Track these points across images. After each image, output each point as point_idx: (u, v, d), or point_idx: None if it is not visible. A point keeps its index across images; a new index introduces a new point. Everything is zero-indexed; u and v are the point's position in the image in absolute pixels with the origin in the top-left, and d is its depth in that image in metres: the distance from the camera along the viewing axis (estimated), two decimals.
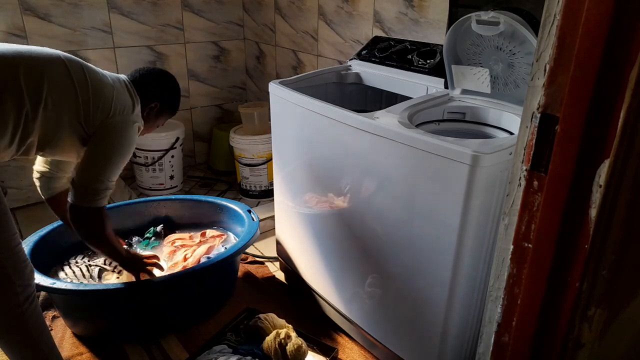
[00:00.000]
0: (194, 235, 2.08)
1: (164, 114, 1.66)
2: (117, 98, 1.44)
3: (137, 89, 1.54)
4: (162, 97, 1.61)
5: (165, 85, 1.64)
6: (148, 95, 1.57)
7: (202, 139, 3.28)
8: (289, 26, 2.76)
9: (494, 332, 0.94)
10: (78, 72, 1.36)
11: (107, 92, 1.42)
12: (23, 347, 1.31)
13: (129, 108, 1.47)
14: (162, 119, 1.68)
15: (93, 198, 1.40)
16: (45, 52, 1.34)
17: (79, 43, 2.62)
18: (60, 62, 1.34)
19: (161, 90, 1.61)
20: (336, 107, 1.48)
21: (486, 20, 1.36)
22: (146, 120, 1.59)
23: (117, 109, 1.43)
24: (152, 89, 1.58)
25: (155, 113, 1.62)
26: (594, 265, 0.78)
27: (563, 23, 0.70)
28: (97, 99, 1.38)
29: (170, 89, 1.66)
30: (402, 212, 1.35)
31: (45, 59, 1.32)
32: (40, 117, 1.29)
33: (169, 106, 1.66)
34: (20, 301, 1.26)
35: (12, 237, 1.24)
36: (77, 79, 1.35)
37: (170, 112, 1.69)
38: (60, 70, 1.33)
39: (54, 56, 1.34)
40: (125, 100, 1.47)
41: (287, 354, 1.53)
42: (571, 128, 0.71)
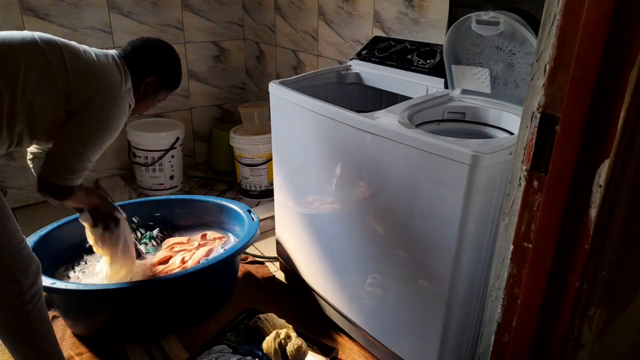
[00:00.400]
0: (192, 239, 2.08)
1: (163, 88, 1.53)
2: (102, 74, 1.34)
3: (129, 63, 1.42)
4: (158, 70, 1.48)
5: (161, 57, 1.51)
6: (143, 70, 1.44)
7: (202, 139, 3.28)
8: (289, 26, 2.76)
9: (494, 332, 0.94)
10: (55, 53, 1.27)
11: (89, 70, 1.32)
12: (27, 346, 1.31)
13: (116, 81, 1.36)
14: (162, 94, 1.55)
15: (67, 176, 1.29)
16: (19, 36, 1.26)
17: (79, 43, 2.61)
18: (35, 45, 1.25)
19: (157, 62, 1.49)
20: (336, 107, 1.48)
21: (486, 20, 1.36)
22: (144, 97, 1.48)
23: (101, 83, 1.32)
24: (147, 62, 1.46)
25: (153, 88, 1.49)
26: (594, 265, 0.78)
27: (563, 23, 0.70)
28: (77, 77, 1.28)
29: (167, 61, 1.53)
30: (402, 212, 1.35)
31: (19, 44, 1.24)
32: (21, 104, 1.22)
33: (168, 80, 1.54)
34: (26, 300, 1.25)
35: (14, 235, 1.23)
36: (55, 60, 1.26)
37: (171, 86, 1.56)
38: (36, 54, 1.24)
39: (29, 39, 1.26)
40: (110, 74, 1.36)
41: (287, 354, 1.53)
42: (571, 128, 0.71)
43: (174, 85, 1.57)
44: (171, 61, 1.54)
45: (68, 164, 1.29)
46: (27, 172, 2.59)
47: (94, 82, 1.32)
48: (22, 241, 1.25)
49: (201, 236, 2.08)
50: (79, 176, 1.32)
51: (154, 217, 2.16)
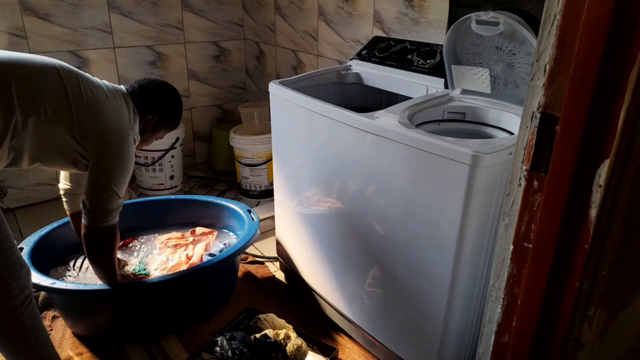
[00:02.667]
0: (185, 234, 2.08)
1: (162, 127, 1.63)
2: (113, 113, 1.42)
3: (135, 100, 1.52)
4: (160, 109, 1.58)
5: (164, 97, 1.60)
6: (146, 108, 1.54)
7: (202, 139, 3.28)
8: (289, 26, 2.76)
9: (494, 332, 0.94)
10: (73, 84, 1.35)
11: (103, 107, 1.40)
12: (20, 350, 1.31)
13: (125, 122, 1.45)
14: (160, 132, 1.65)
15: (107, 216, 1.42)
16: (41, 62, 1.32)
17: (79, 43, 2.62)
18: (55, 73, 1.32)
19: (160, 102, 1.58)
20: (336, 107, 1.48)
21: (486, 21, 1.36)
22: (142, 133, 1.56)
23: (112, 124, 1.40)
24: (150, 101, 1.55)
25: (152, 126, 1.59)
26: (594, 265, 0.78)
27: (563, 23, 0.70)
28: (91, 113, 1.36)
29: (169, 102, 1.62)
30: (402, 212, 1.35)
31: (40, 69, 1.30)
32: (32, 128, 1.27)
33: (168, 119, 1.63)
34: (17, 304, 1.25)
35: (6, 239, 1.23)
36: (72, 92, 1.33)
37: (169, 125, 1.65)
38: (55, 82, 1.31)
39: (50, 66, 1.32)
40: (121, 115, 1.44)
41: (287, 354, 1.53)
42: (571, 128, 0.71)
43: (172, 125, 1.67)
44: (173, 103, 1.64)
45: (104, 206, 1.41)
46: (27, 172, 2.60)
47: (105, 121, 1.40)
48: (13, 245, 1.26)
49: (190, 232, 2.09)
50: (116, 213, 1.45)
51: (153, 217, 2.16)
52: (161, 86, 1.61)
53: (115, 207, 1.43)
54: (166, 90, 1.62)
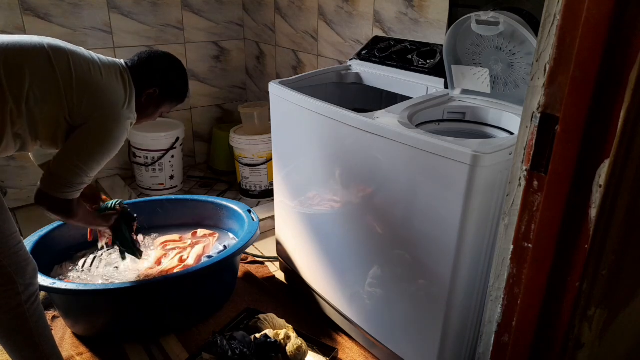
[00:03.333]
0: (184, 237, 2.08)
1: (166, 101, 1.51)
2: (105, 92, 1.33)
3: (135, 74, 1.42)
4: (162, 82, 1.46)
5: (165, 68, 1.49)
6: (146, 80, 1.43)
7: (202, 139, 3.28)
8: (289, 26, 2.76)
9: (494, 332, 0.94)
10: (62, 64, 1.27)
11: (94, 86, 1.31)
12: (24, 347, 1.31)
13: (119, 102, 1.36)
14: (165, 107, 1.53)
15: (65, 190, 1.31)
16: (29, 42, 1.25)
17: (79, 43, 2.57)
18: (43, 53, 1.25)
19: (161, 74, 1.47)
20: (336, 107, 1.48)
21: (486, 21, 1.36)
22: (145, 108, 1.46)
23: (104, 104, 1.32)
24: (150, 74, 1.44)
25: (155, 100, 1.47)
26: (594, 265, 0.78)
27: (563, 23, 0.70)
28: (81, 93, 1.28)
29: (171, 73, 1.50)
30: (402, 212, 1.35)
31: (28, 51, 1.24)
32: (25, 113, 1.22)
33: (172, 92, 1.51)
34: (22, 300, 1.26)
35: (12, 235, 1.23)
36: (61, 72, 1.26)
37: (174, 99, 1.53)
38: (43, 63, 1.24)
39: (38, 47, 1.26)
40: (115, 93, 1.35)
41: (287, 354, 1.53)
42: (571, 128, 0.71)
43: (177, 97, 1.54)
44: (175, 73, 1.52)
45: (65, 178, 1.30)
46: (27, 172, 2.60)
47: (96, 101, 1.31)
48: (20, 242, 1.26)
49: (192, 234, 2.08)
50: (76, 190, 1.33)
51: (153, 217, 2.16)
52: (162, 57, 1.50)
53: (78, 182, 1.31)
54: (168, 61, 1.51)
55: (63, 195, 1.31)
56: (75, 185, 1.32)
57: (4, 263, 1.21)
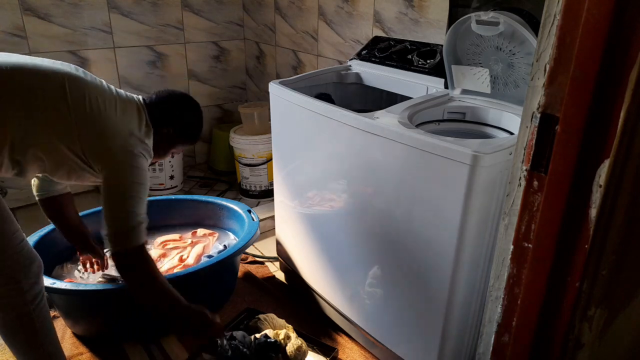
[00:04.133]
0: (184, 236, 2.08)
1: (179, 141, 1.52)
2: (119, 129, 1.31)
3: (151, 112, 1.42)
4: (177, 123, 1.47)
5: (181, 109, 1.49)
6: (162, 120, 1.44)
7: (202, 139, 3.27)
8: (289, 26, 2.76)
9: (494, 332, 0.94)
10: (77, 96, 1.24)
11: (109, 122, 1.29)
12: (29, 346, 1.31)
13: (133, 138, 1.33)
14: (177, 147, 1.54)
15: (131, 237, 1.29)
16: (46, 70, 1.23)
17: (79, 43, 2.62)
18: (58, 84, 1.22)
19: (177, 115, 1.47)
20: (336, 107, 1.48)
21: (486, 21, 1.36)
22: (159, 146, 1.46)
23: (117, 141, 1.30)
24: (166, 113, 1.45)
25: (168, 139, 1.48)
26: (594, 265, 0.78)
27: (563, 23, 0.70)
28: (94, 128, 1.26)
29: (188, 115, 1.51)
30: (402, 212, 1.35)
31: (42, 78, 1.21)
32: (30, 143, 1.19)
33: (185, 133, 1.52)
34: (27, 300, 1.25)
35: (14, 235, 1.23)
36: (74, 104, 1.23)
37: (187, 140, 1.54)
38: (56, 93, 1.22)
39: (55, 74, 1.24)
40: (129, 130, 1.33)
41: (287, 354, 1.53)
42: (571, 128, 0.71)
43: (190, 139, 1.55)
44: (192, 116, 1.52)
45: (125, 230, 1.28)
46: None
47: (109, 139, 1.29)
48: (22, 241, 1.25)
49: (192, 233, 2.08)
50: (140, 230, 1.31)
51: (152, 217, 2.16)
52: (180, 98, 1.51)
53: (135, 224, 1.29)
54: (185, 102, 1.51)
55: (132, 242, 1.29)
56: (135, 228, 1.29)
57: (7, 263, 1.21)
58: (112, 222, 1.29)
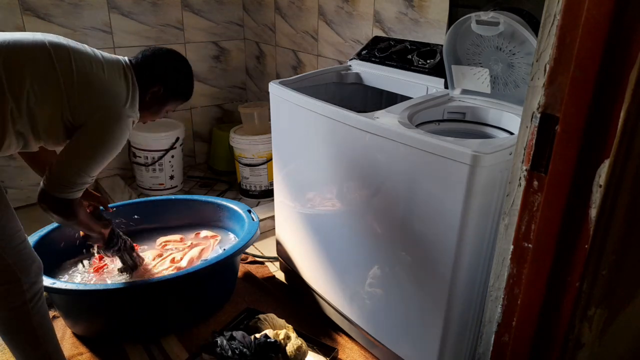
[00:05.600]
0: (185, 238, 2.07)
1: (170, 99, 1.48)
2: (107, 90, 1.31)
3: (138, 72, 1.40)
4: (166, 79, 1.43)
5: (169, 66, 1.46)
6: (150, 78, 1.41)
7: (202, 139, 3.28)
8: (289, 26, 2.76)
9: (494, 332, 0.94)
10: (64, 62, 1.25)
11: (96, 84, 1.29)
12: (28, 346, 1.31)
13: (121, 100, 1.33)
14: (169, 105, 1.50)
15: (67, 190, 1.29)
16: (29, 40, 1.23)
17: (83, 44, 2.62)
18: (44, 52, 1.23)
19: (165, 71, 1.44)
20: (336, 107, 1.48)
21: (486, 21, 1.36)
22: (149, 106, 1.44)
23: (106, 103, 1.30)
24: (154, 71, 1.42)
25: (159, 98, 1.44)
26: (594, 265, 0.78)
27: (563, 23, 0.70)
28: (83, 92, 1.26)
29: (175, 71, 1.47)
30: (402, 212, 1.35)
31: (28, 49, 1.22)
32: (25, 112, 1.21)
33: (176, 90, 1.48)
34: (27, 299, 1.26)
35: (16, 234, 1.23)
36: (62, 70, 1.23)
37: (178, 96, 1.50)
38: (44, 61, 1.22)
39: (39, 44, 1.23)
40: (117, 92, 1.33)
41: (287, 354, 1.53)
42: (571, 128, 0.71)
43: (182, 95, 1.52)
44: (180, 70, 1.49)
45: (66, 179, 1.28)
46: (27, 172, 2.59)
47: (98, 100, 1.29)
48: (24, 240, 1.26)
49: (195, 235, 2.08)
50: (77, 189, 1.31)
51: (153, 217, 2.16)
52: (167, 54, 1.47)
53: (80, 182, 1.30)
54: (172, 58, 1.48)
55: (64, 194, 1.29)
56: (77, 185, 1.30)
57: (9, 261, 1.21)
58: (62, 167, 1.29)
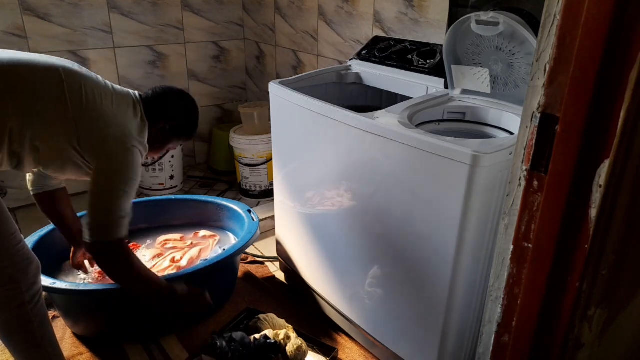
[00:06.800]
0: (185, 237, 2.07)
1: (174, 137, 1.54)
2: (115, 121, 1.33)
3: (147, 107, 1.44)
4: (173, 118, 1.49)
5: (177, 105, 1.51)
6: (157, 115, 1.45)
7: (202, 139, 3.28)
8: (289, 26, 2.76)
9: (494, 332, 0.94)
10: (74, 90, 1.27)
11: (104, 116, 1.31)
12: (27, 347, 1.31)
13: (129, 132, 1.35)
14: (172, 143, 1.56)
15: (110, 231, 1.30)
16: (43, 64, 1.25)
17: (79, 43, 2.62)
18: (56, 78, 1.25)
19: (172, 110, 1.50)
20: (336, 107, 1.48)
21: (486, 21, 1.36)
22: (154, 141, 1.47)
23: (114, 135, 1.32)
24: (162, 109, 1.47)
25: (163, 135, 1.50)
26: (594, 265, 0.78)
27: (563, 23, 0.70)
28: (90, 121, 1.28)
29: (183, 111, 1.53)
30: (402, 212, 1.35)
31: (40, 73, 1.23)
32: (28, 135, 1.21)
33: (180, 129, 1.54)
34: (25, 300, 1.26)
35: (12, 236, 1.23)
36: (72, 98, 1.26)
37: (182, 135, 1.56)
38: (55, 87, 1.24)
39: (52, 69, 1.26)
40: (125, 123, 1.35)
41: (287, 354, 1.53)
42: (571, 128, 0.71)
43: (185, 135, 1.57)
44: (187, 111, 1.54)
45: (106, 222, 1.30)
46: None
47: (106, 132, 1.31)
48: (21, 242, 1.26)
49: (194, 234, 2.08)
50: (121, 225, 1.32)
51: (153, 217, 2.16)
52: (176, 94, 1.53)
53: (116, 220, 1.30)
54: (180, 98, 1.53)
55: (111, 236, 1.31)
56: (115, 223, 1.31)
57: (5, 263, 1.21)
58: (95, 213, 1.31)
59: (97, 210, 1.31)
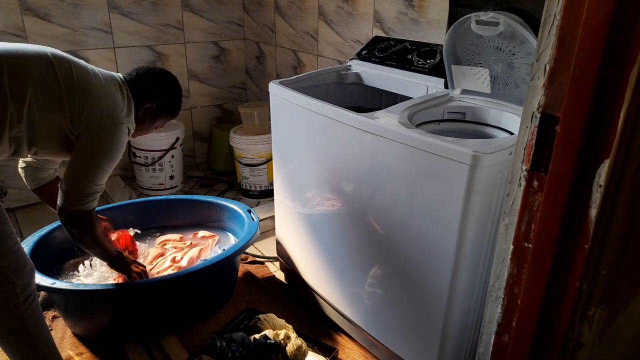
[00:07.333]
0: (185, 237, 2.07)
1: (161, 115, 1.59)
2: (106, 99, 1.38)
3: (133, 88, 1.48)
4: (158, 97, 1.54)
5: (162, 84, 1.57)
6: (143, 95, 1.50)
7: (202, 139, 3.28)
8: (289, 26, 2.76)
9: (494, 332, 0.94)
10: (65, 72, 1.31)
11: (96, 92, 1.36)
12: (23, 347, 1.31)
13: (119, 109, 1.41)
14: (159, 121, 1.61)
15: (82, 202, 1.37)
16: (32, 50, 1.29)
17: (79, 43, 2.62)
18: (46, 61, 1.29)
19: (158, 90, 1.54)
20: (336, 107, 1.48)
21: (486, 21, 1.36)
22: (141, 121, 1.53)
23: (104, 111, 1.37)
24: (148, 89, 1.51)
25: (151, 114, 1.54)
26: (594, 265, 0.78)
27: (563, 23, 0.70)
28: (83, 100, 1.33)
29: (168, 89, 1.58)
30: (402, 212, 1.35)
31: (31, 58, 1.27)
32: (25, 119, 1.25)
33: (166, 107, 1.59)
34: (20, 301, 1.26)
35: (9, 236, 1.24)
36: (64, 79, 1.30)
37: (168, 113, 1.61)
38: (46, 70, 1.28)
39: (41, 54, 1.30)
40: (115, 102, 1.41)
41: (287, 354, 1.53)
42: (571, 128, 0.71)
43: (171, 112, 1.62)
44: (171, 90, 1.60)
45: (76, 191, 1.36)
46: None
47: (97, 107, 1.36)
48: (17, 243, 1.26)
49: (193, 235, 2.08)
50: (93, 199, 1.39)
51: (153, 217, 2.16)
52: (159, 74, 1.59)
53: (91, 192, 1.37)
54: (164, 77, 1.59)
55: (82, 207, 1.37)
56: (88, 196, 1.37)
57: (2, 264, 1.22)
58: (73, 180, 1.36)
59: (77, 181, 1.36)
